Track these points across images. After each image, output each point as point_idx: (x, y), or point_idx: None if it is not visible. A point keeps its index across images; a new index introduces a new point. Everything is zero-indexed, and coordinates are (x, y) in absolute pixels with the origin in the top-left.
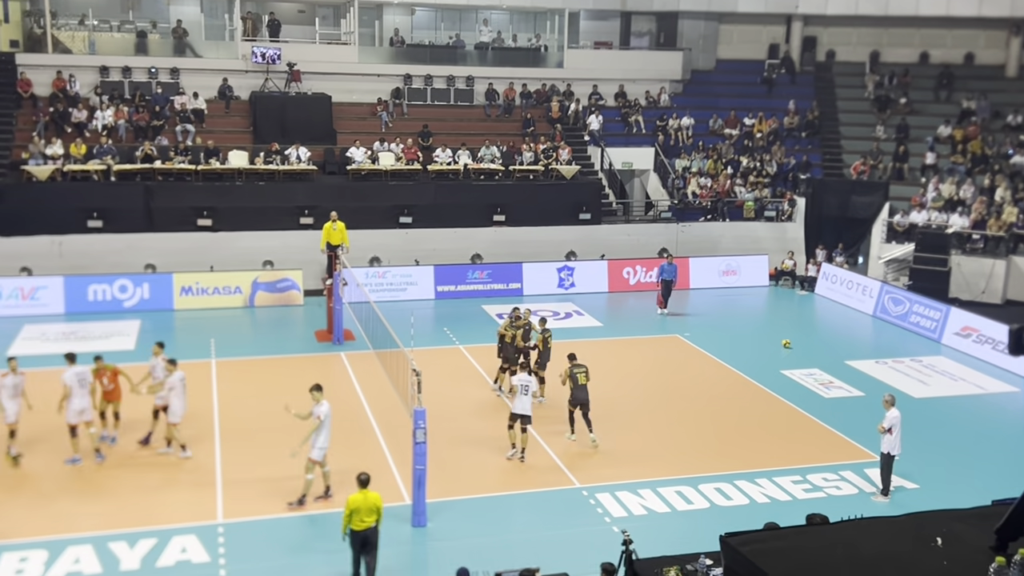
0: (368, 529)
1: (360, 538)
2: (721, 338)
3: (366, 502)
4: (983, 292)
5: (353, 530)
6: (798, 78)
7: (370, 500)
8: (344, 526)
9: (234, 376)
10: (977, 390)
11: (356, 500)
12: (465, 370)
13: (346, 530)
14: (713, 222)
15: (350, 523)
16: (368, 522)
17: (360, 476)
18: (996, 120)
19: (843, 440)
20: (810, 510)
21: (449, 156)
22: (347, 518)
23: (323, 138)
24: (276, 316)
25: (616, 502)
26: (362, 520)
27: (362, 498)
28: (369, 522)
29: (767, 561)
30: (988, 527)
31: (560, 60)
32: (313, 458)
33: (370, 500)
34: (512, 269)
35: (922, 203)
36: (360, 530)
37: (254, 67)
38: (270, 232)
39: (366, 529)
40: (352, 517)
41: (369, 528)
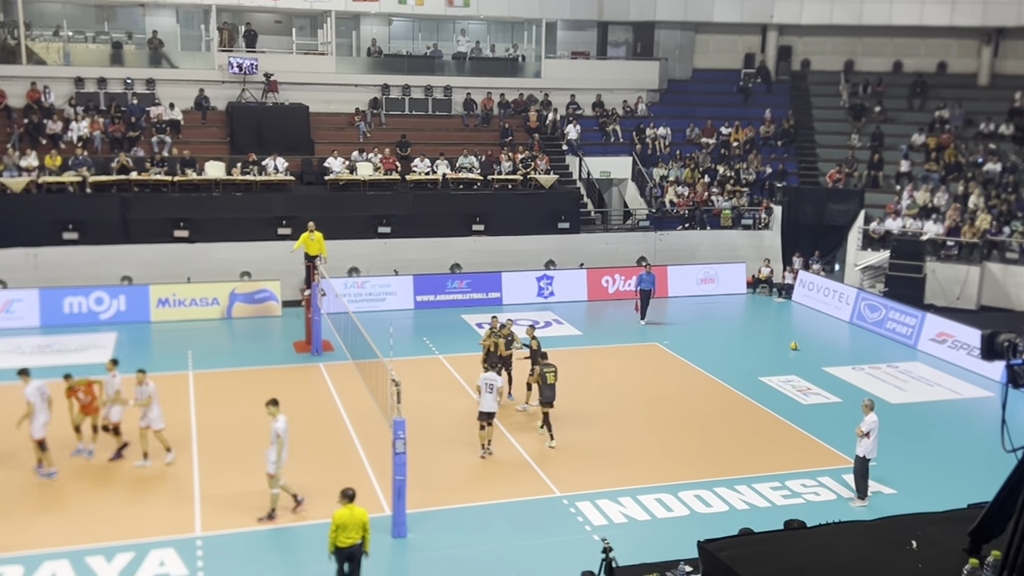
0: (354, 545)
1: (346, 555)
2: (700, 346)
3: (352, 518)
4: (958, 298)
5: (339, 547)
6: (774, 87)
7: (356, 516)
8: (330, 543)
9: (212, 388)
10: (953, 395)
11: (342, 516)
12: (445, 380)
13: (332, 547)
14: (691, 230)
15: (336, 540)
16: (355, 538)
17: (346, 491)
18: (969, 128)
19: (821, 446)
20: (789, 516)
21: (427, 166)
22: (333, 534)
23: (301, 148)
24: (254, 327)
25: (596, 510)
26: (349, 536)
27: (348, 513)
28: (355, 538)
29: (744, 566)
30: (962, 530)
31: (538, 70)
32: (270, 472)
33: (356, 516)
34: (491, 278)
35: (897, 210)
36: (346, 547)
37: (231, 77)
38: (247, 243)
39: (352, 545)
40: (338, 533)
41: (355, 544)
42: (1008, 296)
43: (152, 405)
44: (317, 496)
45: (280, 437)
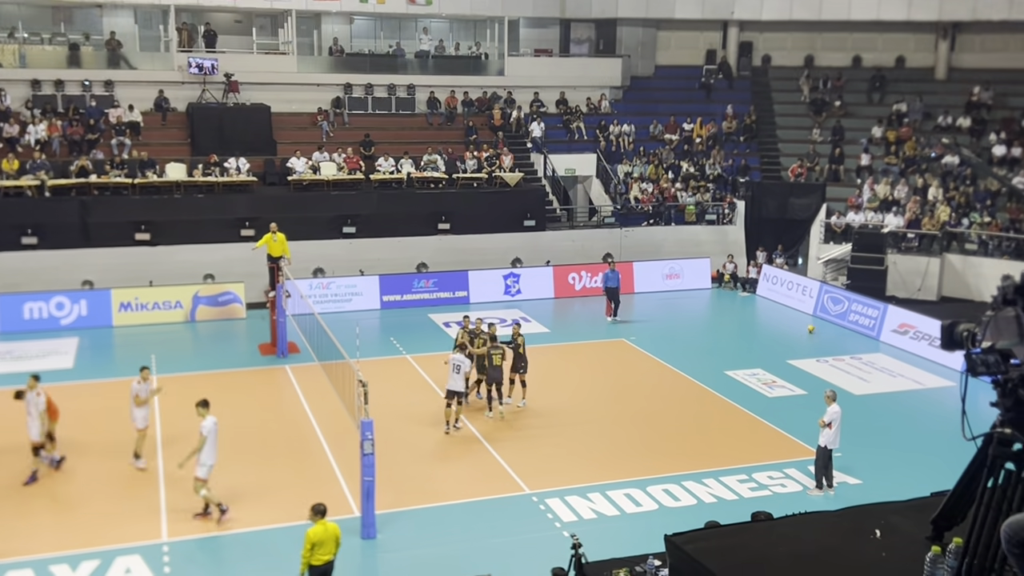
0: (328, 563)
1: (320, 572)
2: (666, 341)
3: (327, 534)
4: (919, 289)
5: (314, 565)
6: (735, 83)
7: (331, 531)
8: (303, 563)
9: (176, 392)
10: (915, 385)
11: (317, 533)
12: (412, 380)
13: (305, 568)
14: (655, 226)
15: (310, 559)
16: (330, 555)
17: (316, 507)
18: (928, 121)
19: (787, 438)
20: (756, 508)
21: (392, 165)
22: (307, 553)
23: (263, 149)
24: (218, 330)
25: (566, 507)
26: (325, 553)
27: (323, 530)
28: (331, 554)
29: (711, 559)
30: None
31: (501, 68)
32: (199, 476)
33: (331, 531)
34: (458, 277)
35: (858, 204)
36: (320, 564)
37: (190, 78)
38: (210, 245)
39: (327, 563)
40: (314, 551)
41: (329, 561)
42: (968, 286)
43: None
44: (284, 498)
45: (205, 436)
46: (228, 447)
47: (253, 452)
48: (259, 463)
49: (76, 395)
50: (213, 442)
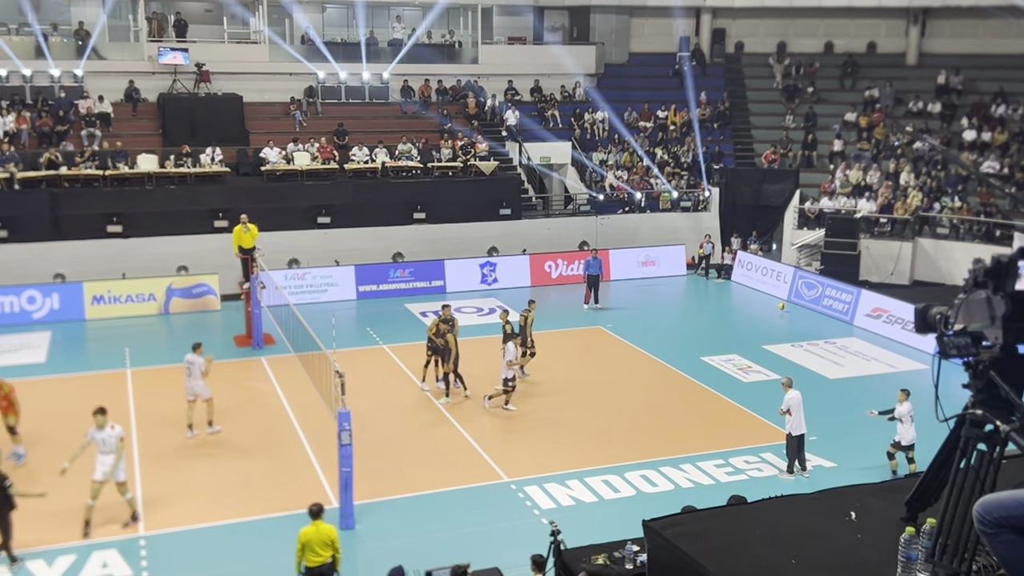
0: (324, 565)
1: (315, 574)
2: (642, 328)
3: (319, 535)
4: (891, 274)
5: (308, 567)
6: (708, 70)
7: (323, 533)
8: (297, 563)
9: (151, 385)
10: (889, 369)
11: (308, 533)
12: (389, 370)
13: (300, 568)
14: (631, 214)
15: (303, 559)
16: (324, 556)
17: (311, 508)
18: (899, 107)
19: (762, 423)
20: (732, 492)
21: (366, 154)
22: (300, 553)
23: (235, 139)
24: (193, 322)
25: (544, 494)
26: (316, 555)
27: (314, 531)
28: (325, 556)
29: (689, 543)
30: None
31: (475, 56)
32: (96, 479)
33: (323, 533)
34: (434, 266)
35: (831, 189)
36: (315, 566)
37: (161, 68)
38: (184, 237)
39: (321, 565)
40: (304, 552)
41: (325, 564)
42: (940, 270)
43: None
44: (262, 490)
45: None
46: (204, 440)
47: (230, 445)
48: (236, 456)
49: (49, 389)
50: (110, 449)
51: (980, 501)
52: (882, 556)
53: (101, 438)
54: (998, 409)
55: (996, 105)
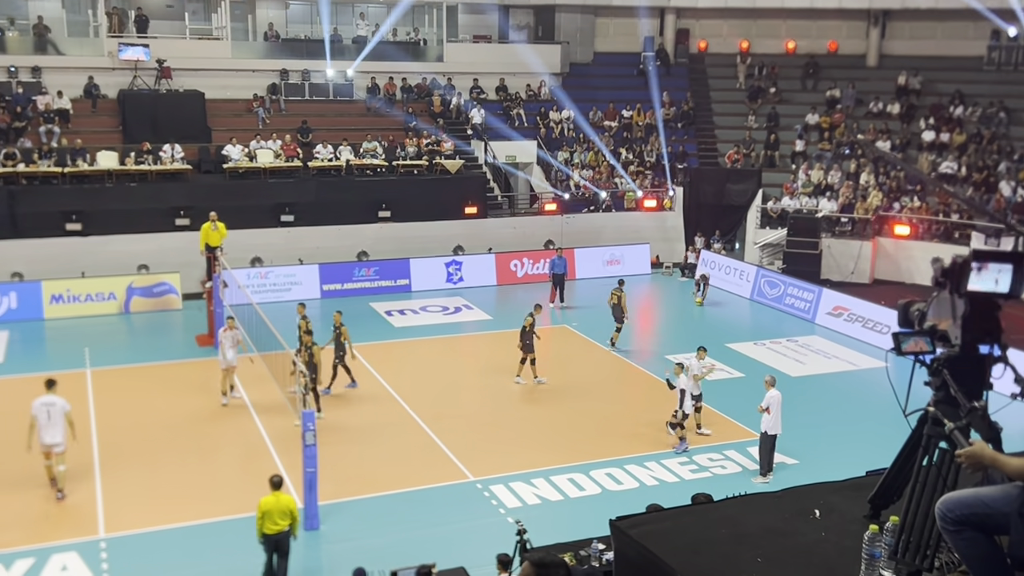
0: (281, 533)
1: (273, 542)
2: (608, 326)
3: (278, 505)
4: (852, 273)
5: (266, 534)
6: (673, 70)
7: (282, 503)
8: (258, 531)
9: (111, 386)
10: (849, 366)
11: (268, 503)
12: (354, 369)
13: (260, 535)
14: (595, 213)
15: (262, 527)
16: (281, 525)
17: (272, 478)
18: (860, 107)
19: (726, 420)
20: (696, 490)
21: (330, 152)
22: (260, 521)
23: (197, 136)
24: (154, 321)
25: (510, 493)
26: (275, 523)
27: (274, 500)
28: (283, 525)
29: (655, 542)
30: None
31: (440, 54)
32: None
33: (282, 503)
34: (400, 265)
35: (793, 189)
36: (273, 534)
37: (121, 64)
38: (144, 235)
39: (279, 533)
40: (264, 520)
41: (282, 532)
42: (899, 269)
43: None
44: (225, 491)
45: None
46: (167, 440)
47: (192, 445)
48: (199, 457)
49: (7, 390)
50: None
51: (942, 499)
52: (845, 553)
53: (45, 410)
54: (951, 407)
55: (954, 106)
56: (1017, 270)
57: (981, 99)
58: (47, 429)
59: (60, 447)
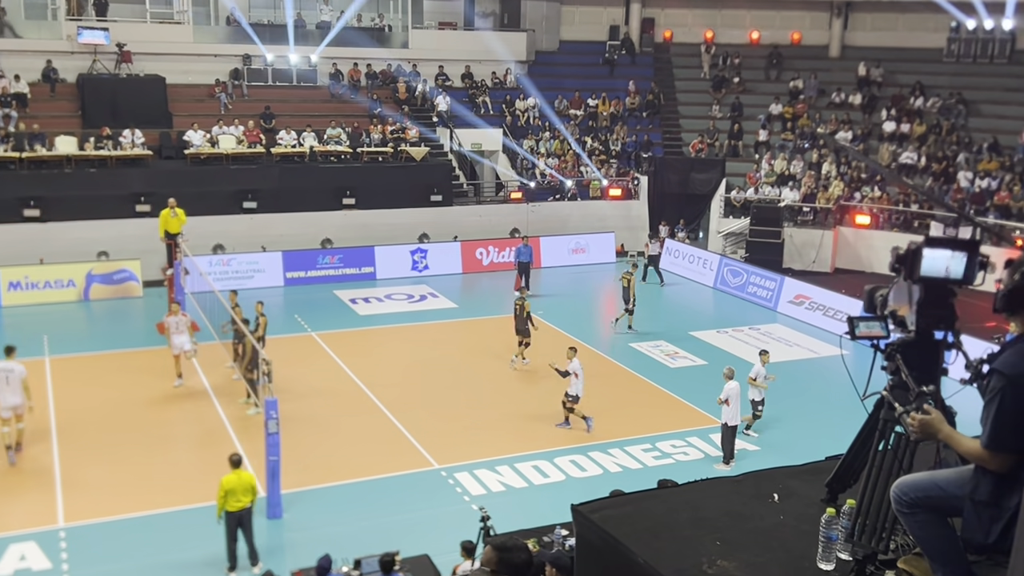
0: (244, 510)
1: (236, 519)
2: (572, 314)
3: (240, 482)
4: (813, 261)
5: (228, 511)
6: (638, 59)
7: (244, 480)
8: (219, 508)
9: (70, 374)
10: (810, 354)
11: (230, 480)
12: (318, 358)
13: (221, 512)
14: (561, 201)
15: (225, 504)
16: (244, 502)
17: (232, 457)
18: (822, 98)
19: (689, 408)
20: (659, 476)
21: (293, 138)
22: (221, 499)
23: (158, 121)
24: (114, 309)
25: (474, 480)
26: (238, 500)
27: (236, 478)
28: (245, 502)
29: (616, 526)
30: (820, 481)
31: (405, 40)
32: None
33: (244, 480)
34: (364, 253)
35: (756, 179)
36: (235, 511)
37: (80, 48)
38: (104, 221)
39: (241, 510)
40: (227, 498)
41: (244, 508)
42: (860, 258)
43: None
44: (186, 480)
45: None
46: (127, 429)
47: (153, 434)
48: (160, 445)
49: None
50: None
51: (897, 482)
52: (803, 536)
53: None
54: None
55: (914, 97)
56: (971, 258)
57: (941, 90)
58: (5, 393)
59: (20, 408)
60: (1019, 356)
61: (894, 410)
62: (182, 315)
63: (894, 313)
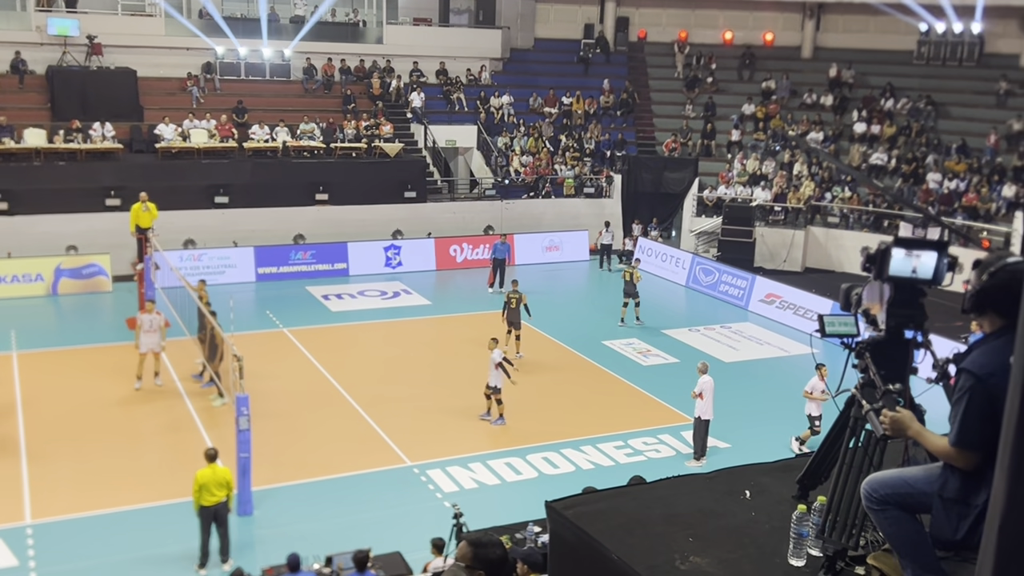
0: (218, 504)
1: (210, 513)
2: (546, 312)
3: (215, 476)
4: (784, 261)
5: (204, 506)
6: (612, 58)
7: (219, 474)
8: (195, 503)
9: (39, 369)
10: (781, 352)
11: (205, 475)
12: (290, 354)
13: (197, 506)
14: (535, 199)
15: (200, 499)
16: (219, 496)
17: (208, 451)
18: (794, 99)
19: (661, 405)
20: (632, 473)
21: (266, 133)
22: (196, 494)
23: (129, 115)
24: (83, 304)
25: (447, 477)
26: (212, 494)
27: (210, 472)
28: (220, 496)
29: (590, 523)
30: (791, 478)
31: (379, 36)
32: None
33: (219, 474)
34: (337, 249)
35: (728, 178)
36: (210, 505)
37: (50, 40)
38: (73, 215)
39: (216, 504)
40: (201, 492)
41: (219, 503)
42: (830, 258)
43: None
44: (156, 476)
45: None
46: (96, 425)
47: (121, 429)
48: (130, 442)
49: None
50: None
51: (867, 479)
52: (774, 533)
53: None
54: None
55: (885, 99)
56: (939, 258)
57: (911, 92)
58: None
59: None
60: (987, 356)
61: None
62: (156, 314)
63: (867, 311)
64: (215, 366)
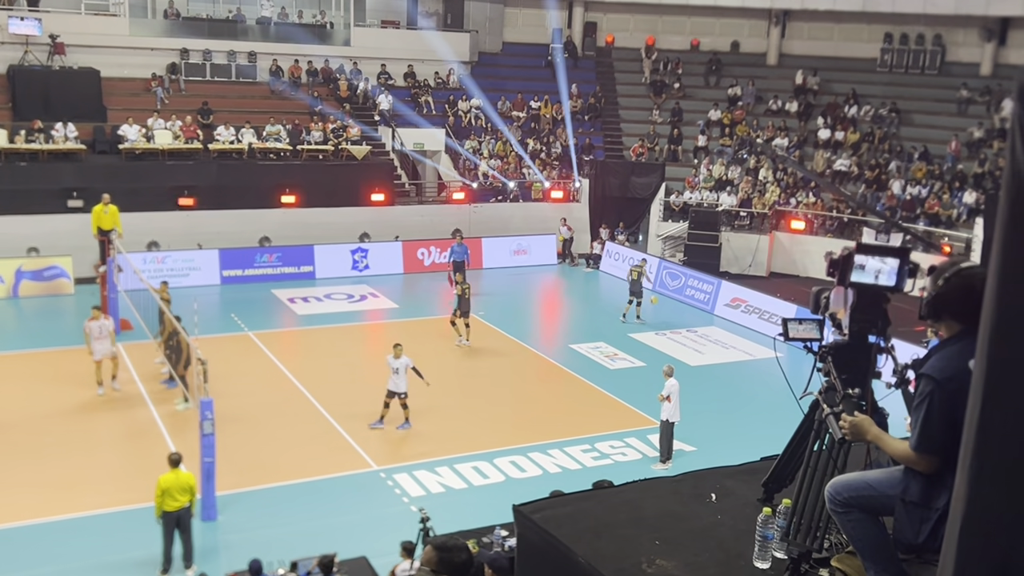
0: (181, 509)
1: (173, 519)
2: (514, 316)
3: (178, 481)
4: (750, 265)
5: (166, 511)
6: (580, 62)
7: (182, 479)
8: (157, 508)
9: None
10: (746, 356)
11: (167, 480)
12: (255, 357)
13: (159, 512)
14: (503, 203)
15: (162, 504)
16: (181, 501)
17: (171, 456)
18: (759, 105)
19: (627, 409)
20: (598, 476)
21: (232, 134)
22: (159, 499)
23: (92, 115)
24: (44, 306)
25: (414, 482)
26: (175, 499)
27: (174, 477)
28: (183, 501)
29: (557, 526)
30: (756, 481)
31: (347, 38)
32: None
33: (182, 479)
34: (303, 252)
35: (695, 183)
36: (173, 510)
37: (11, 38)
38: (35, 216)
39: (179, 509)
40: (164, 497)
41: (182, 508)
42: (794, 263)
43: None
44: (119, 482)
45: None
46: (56, 429)
47: (84, 434)
48: (90, 447)
49: None
50: None
51: (831, 482)
52: (740, 536)
53: None
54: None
55: (849, 106)
56: (901, 264)
57: (874, 99)
58: None
59: None
60: (946, 360)
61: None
62: (104, 319)
63: (833, 316)
64: (179, 371)
